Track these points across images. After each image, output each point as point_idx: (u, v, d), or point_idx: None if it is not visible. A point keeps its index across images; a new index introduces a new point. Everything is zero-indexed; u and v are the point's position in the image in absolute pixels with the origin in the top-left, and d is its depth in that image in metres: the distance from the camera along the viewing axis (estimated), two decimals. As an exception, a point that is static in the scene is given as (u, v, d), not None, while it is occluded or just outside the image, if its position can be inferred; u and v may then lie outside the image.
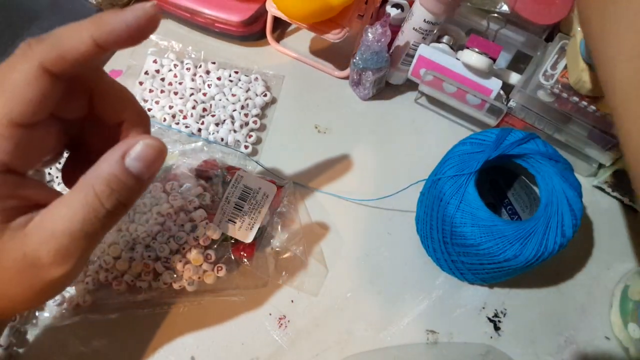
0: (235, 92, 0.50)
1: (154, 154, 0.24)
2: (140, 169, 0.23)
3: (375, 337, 0.42)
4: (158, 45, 0.54)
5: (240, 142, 0.49)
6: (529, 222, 0.38)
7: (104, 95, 0.26)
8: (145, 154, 0.23)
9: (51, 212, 0.23)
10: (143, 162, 0.23)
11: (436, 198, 0.40)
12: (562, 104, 0.44)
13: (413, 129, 0.52)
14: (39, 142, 0.25)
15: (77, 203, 0.23)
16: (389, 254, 0.45)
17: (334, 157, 0.50)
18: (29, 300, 0.25)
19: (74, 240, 0.23)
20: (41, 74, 0.22)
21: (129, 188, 0.23)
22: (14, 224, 0.23)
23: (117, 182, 0.23)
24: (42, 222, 0.23)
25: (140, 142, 0.24)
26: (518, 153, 0.40)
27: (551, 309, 0.44)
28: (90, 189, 0.23)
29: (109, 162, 0.23)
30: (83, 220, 0.23)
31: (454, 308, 0.44)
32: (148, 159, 0.24)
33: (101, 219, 0.23)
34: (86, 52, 0.22)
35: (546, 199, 0.38)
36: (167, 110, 0.49)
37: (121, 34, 0.22)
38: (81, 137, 0.28)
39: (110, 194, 0.23)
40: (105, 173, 0.23)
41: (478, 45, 0.45)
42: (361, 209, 0.47)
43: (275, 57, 0.55)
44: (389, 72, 0.52)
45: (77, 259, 0.23)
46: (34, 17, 0.50)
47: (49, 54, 0.22)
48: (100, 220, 0.23)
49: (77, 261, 0.23)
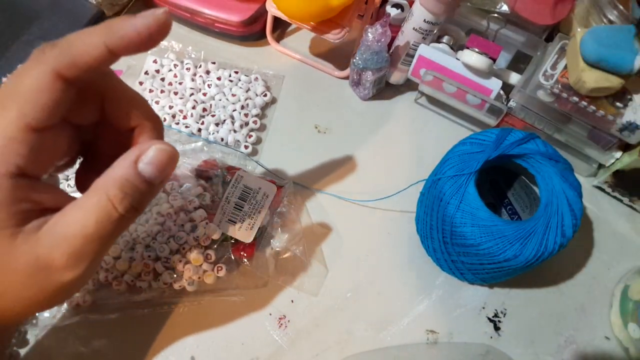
0: (235, 92, 0.50)
1: (166, 158, 0.24)
2: (153, 174, 0.24)
3: (375, 337, 0.42)
4: (158, 45, 0.54)
5: (240, 142, 0.49)
6: (529, 222, 0.38)
7: (116, 101, 0.26)
8: (157, 158, 0.24)
9: (64, 215, 0.23)
10: (155, 166, 0.24)
11: (436, 198, 0.40)
12: (562, 104, 0.44)
13: (413, 129, 0.52)
14: (52, 147, 0.25)
15: (91, 207, 0.23)
16: (389, 254, 0.45)
17: (334, 157, 0.50)
18: (40, 303, 0.25)
19: (87, 244, 0.23)
20: (54, 79, 0.22)
21: (141, 192, 0.24)
22: (27, 227, 0.23)
23: (130, 186, 0.23)
24: (55, 225, 0.23)
25: (153, 147, 0.24)
26: (518, 153, 0.40)
27: (551, 309, 0.44)
28: (103, 193, 0.23)
29: (122, 166, 0.23)
30: (96, 224, 0.23)
31: (454, 308, 0.44)
32: (160, 163, 0.24)
33: (114, 222, 0.23)
34: (98, 57, 0.22)
35: (546, 199, 0.38)
36: (167, 110, 0.49)
37: (132, 40, 0.22)
38: (94, 142, 0.28)
39: (123, 198, 0.23)
40: (118, 177, 0.23)
41: (478, 45, 0.45)
42: (361, 209, 0.47)
43: (275, 57, 0.55)
44: (389, 72, 0.52)
45: (90, 263, 0.24)
46: (34, 17, 0.50)
47: (61, 60, 0.22)
48: (112, 223, 0.23)
49: (89, 265, 0.24)
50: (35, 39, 0.49)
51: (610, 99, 0.43)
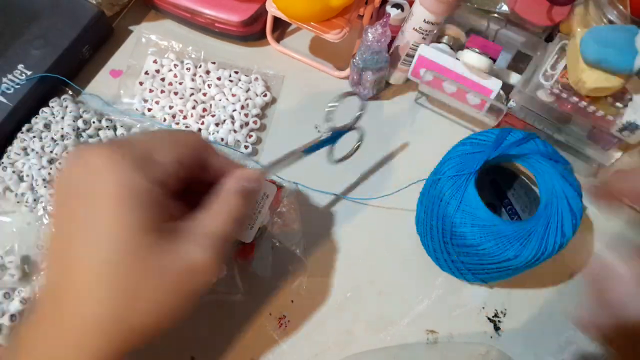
0: (235, 92, 0.50)
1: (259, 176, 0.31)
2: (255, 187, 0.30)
3: (375, 337, 0.42)
4: (158, 45, 0.54)
5: (241, 142, 0.49)
6: (528, 222, 0.38)
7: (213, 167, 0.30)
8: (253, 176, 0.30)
9: (201, 220, 0.26)
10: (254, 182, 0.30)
11: (436, 198, 0.40)
12: (562, 104, 0.44)
13: (413, 129, 0.52)
14: None
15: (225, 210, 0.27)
16: (389, 254, 0.45)
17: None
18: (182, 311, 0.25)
19: (225, 243, 0.26)
20: None
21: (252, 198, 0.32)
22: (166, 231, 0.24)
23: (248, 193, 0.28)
24: (195, 228, 0.26)
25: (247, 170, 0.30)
26: (518, 153, 0.40)
27: (551, 309, 0.44)
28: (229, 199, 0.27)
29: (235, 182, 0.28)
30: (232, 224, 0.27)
31: (454, 308, 0.44)
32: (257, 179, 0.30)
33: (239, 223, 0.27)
34: None
35: (546, 199, 0.38)
36: (167, 110, 0.49)
37: None
38: None
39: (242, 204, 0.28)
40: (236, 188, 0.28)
41: (478, 46, 0.45)
42: (361, 208, 0.47)
43: (275, 57, 0.55)
44: (389, 72, 0.52)
45: (223, 261, 0.26)
46: (33, 16, 0.50)
47: None
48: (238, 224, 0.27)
49: (222, 263, 0.26)
50: (35, 38, 0.49)
51: (610, 99, 0.43)
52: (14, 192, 0.44)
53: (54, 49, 0.49)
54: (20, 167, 0.45)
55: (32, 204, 0.44)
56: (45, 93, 0.49)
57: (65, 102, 0.48)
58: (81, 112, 0.48)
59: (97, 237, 0.23)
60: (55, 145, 0.46)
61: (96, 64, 0.53)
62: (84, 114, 0.48)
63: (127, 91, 0.51)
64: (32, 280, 0.42)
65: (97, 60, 0.54)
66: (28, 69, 0.48)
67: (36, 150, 0.46)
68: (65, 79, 0.50)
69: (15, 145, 0.46)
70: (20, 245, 0.43)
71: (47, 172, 0.45)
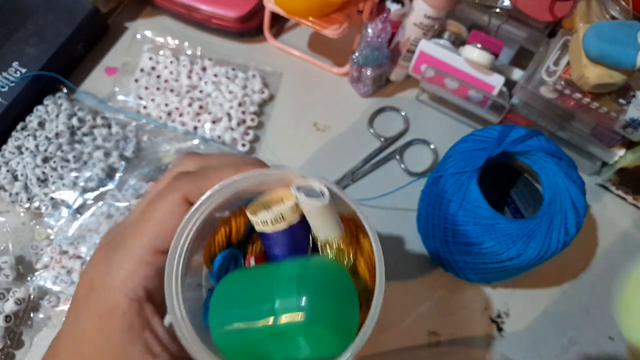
0: (233, 89, 0.50)
1: None
2: None
3: (376, 339, 0.41)
4: (154, 42, 0.53)
5: (238, 140, 0.48)
6: (532, 220, 0.37)
7: None
8: None
9: None
10: None
11: (438, 196, 0.39)
12: (565, 101, 0.43)
13: (414, 126, 0.51)
14: None
15: None
16: (389, 254, 0.45)
17: (333, 155, 0.49)
18: None
19: None
20: (182, 204, 0.24)
21: None
22: None
23: None
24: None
25: None
26: (521, 150, 0.39)
27: (554, 309, 0.43)
28: None
29: None
30: None
31: (456, 309, 0.43)
32: None
33: None
34: None
35: (549, 196, 0.38)
36: (163, 107, 0.49)
37: None
38: None
39: None
40: None
41: (480, 41, 0.44)
42: (361, 208, 0.46)
43: (273, 54, 0.55)
44: (389, 69, 0.51)
45: None
46: (28, 13, 0.50)
47: (192, 188, 0.25)
48: None
49: None
50: (30, 35, 0.48)
51: (613, 95, 0.43)
52: (8, 191, 0.44)
53: (49, 46, 0.48)
54: (14, 166, 0.45)
55: (27, 204, 0.44)
56: (39, 91, 0.48)
57: (60, 100, 0.48)
58: (76, 110, 0.47)
59: None
60: (50, 143, 0.45)
61: (91, 62, 0.53)
62: (79, 112, 0.47)
63: (122, 89, 0.51)
64: (27, 281, 0.41)
65: (92, 58, 0.53)
66: (23, 67, 0.47)
67: (30, 149, 0.45)
68: (60, 77, 0.49)
69: (9, 144, 0.46)
70: (14, 245, 0.43)
71: (42, 171, 0.44)
